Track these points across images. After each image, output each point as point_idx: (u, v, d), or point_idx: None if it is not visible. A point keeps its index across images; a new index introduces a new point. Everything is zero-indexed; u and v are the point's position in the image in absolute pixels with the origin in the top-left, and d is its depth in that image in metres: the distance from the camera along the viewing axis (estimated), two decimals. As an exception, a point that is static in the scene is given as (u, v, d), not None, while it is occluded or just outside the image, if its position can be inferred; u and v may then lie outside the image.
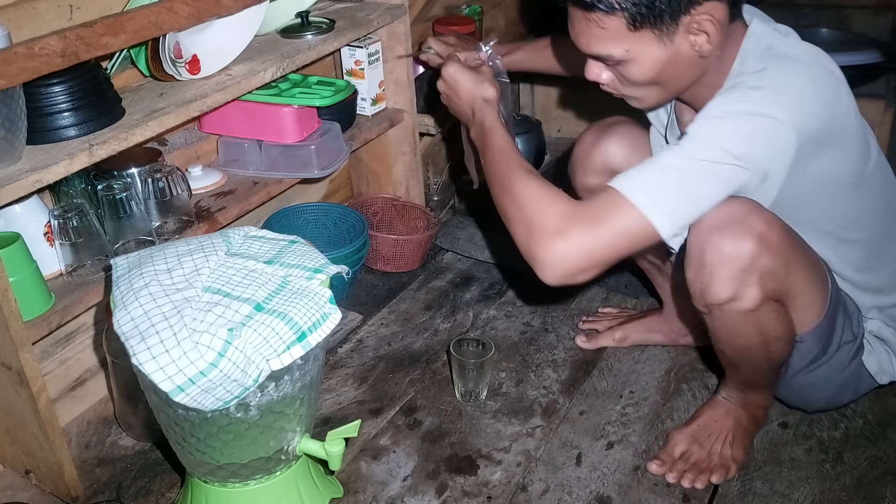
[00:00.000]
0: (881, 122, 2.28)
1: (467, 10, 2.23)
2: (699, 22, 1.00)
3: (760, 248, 1.05)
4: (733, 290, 1.08)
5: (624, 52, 1.03)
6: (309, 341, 1.03)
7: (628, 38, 1.02)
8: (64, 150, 1.15)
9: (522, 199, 1.05)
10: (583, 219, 1.00)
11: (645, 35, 1.01)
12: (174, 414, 1.05)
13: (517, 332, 1.69)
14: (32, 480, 1.34)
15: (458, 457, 1.37)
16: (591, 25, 1.03)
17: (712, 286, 1.08)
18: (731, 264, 1.06)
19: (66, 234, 1.25)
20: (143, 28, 1.17)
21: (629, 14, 0.99)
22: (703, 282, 1.09)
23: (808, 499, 1.26)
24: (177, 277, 1.07)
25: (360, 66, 1.78)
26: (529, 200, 1.04)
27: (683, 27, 1.01)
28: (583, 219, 1.00)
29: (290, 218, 1.83)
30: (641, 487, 1.29)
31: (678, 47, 1.03)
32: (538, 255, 1.01)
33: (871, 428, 1.39)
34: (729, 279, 1.07)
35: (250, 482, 1.15)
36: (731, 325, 1.14)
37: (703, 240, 1.07)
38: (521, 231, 1.05)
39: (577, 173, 1.44)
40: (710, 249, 1.06)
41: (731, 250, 1.05)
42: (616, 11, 1.00)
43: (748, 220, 1.05)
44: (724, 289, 1.08)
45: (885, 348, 1.29)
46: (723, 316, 1.13)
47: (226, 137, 1.62)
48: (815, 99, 1.04)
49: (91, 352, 1.49)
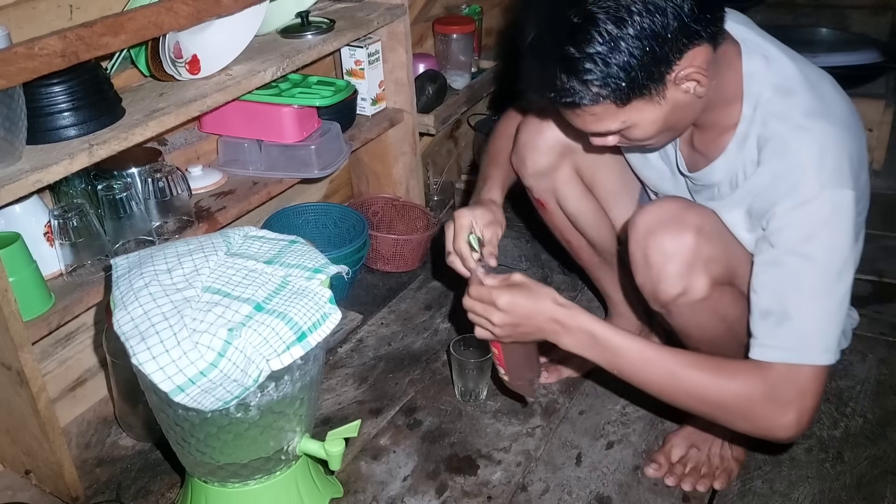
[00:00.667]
0: (881, 122, 2.28)
1: (467, 9, 2.23)
2: (685, 74, 0.99)
3: (699, 239, 1.09)
4: (682, 284, 1.10)
5: (621, 124, 1.03)
6: (309, 341, 1.03)
7: (621, 112, 1.01)
8: (64, 150, 1.15)
9: (718, 401, 1.06)
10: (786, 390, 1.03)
11: (636, 104, 1.01)
12: (174, 414, 1.05)
13: (517, 332, 1.68)
14: (32, 480, 1.34)
15: (458, 457, 1.37)
16: (582, 115, 1.03)
17: (661, 284, 1.12)
18: (676, 260, 1.10)
19: (66, 234, 1.25)
20: (143, 28, 1.17)
21: (613, 97, 0.99)
22: (653, 282, 1.12)
23: (808, 498, 1.26)
24: (177, 277, 1.07)
25: (360, 66, 1.78)
26: (728, 400, 1.05)
27: (671, 83, 1.00)
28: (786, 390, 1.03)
29: (290, 218, 1.83)
30: (641, 487, 1.29)
31: (673, 99, 1.01)
32: (775, 435, 1.05)
33: (871, 427, 1.39)
34: (676, 275, 1.10)
35: (250, 482, 1.15)
36: (692, 318, 1.16)
37: (644, 244, 1.11)
38: (741, 425, 1.07)
39: (527, 158, 1.36)
40: (653, 250, 1.10)
41: (673, 247, 1.09)
42: (600, 101, 0.99)
43: (682, 216, 1.10)
44: (674, 285, 1.11)
45: None
46: (681, 312, 1.15)
47: (226, 137, 1.62)
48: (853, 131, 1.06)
49: (91, 352, 1.49)
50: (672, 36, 0.94)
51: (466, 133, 2.36)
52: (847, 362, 1.54)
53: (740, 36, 1.07)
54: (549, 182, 1.38)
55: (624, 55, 0.94)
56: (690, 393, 1.07)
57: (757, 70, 1.06)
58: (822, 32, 2.58)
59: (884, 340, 1.60)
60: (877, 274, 1.82)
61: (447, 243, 1.25)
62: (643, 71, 0.95)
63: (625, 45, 0.94)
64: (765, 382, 1.03)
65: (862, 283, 1.77)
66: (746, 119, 1.07)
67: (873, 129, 2.29)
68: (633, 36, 0.93)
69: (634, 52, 0.94)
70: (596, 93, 0.97)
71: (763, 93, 1.05)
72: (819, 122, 1.02)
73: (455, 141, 2.37)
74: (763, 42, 1.08)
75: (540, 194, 1.40)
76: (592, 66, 0.95)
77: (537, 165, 1.36)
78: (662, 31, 0.94)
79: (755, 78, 1.06)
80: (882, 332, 1.63)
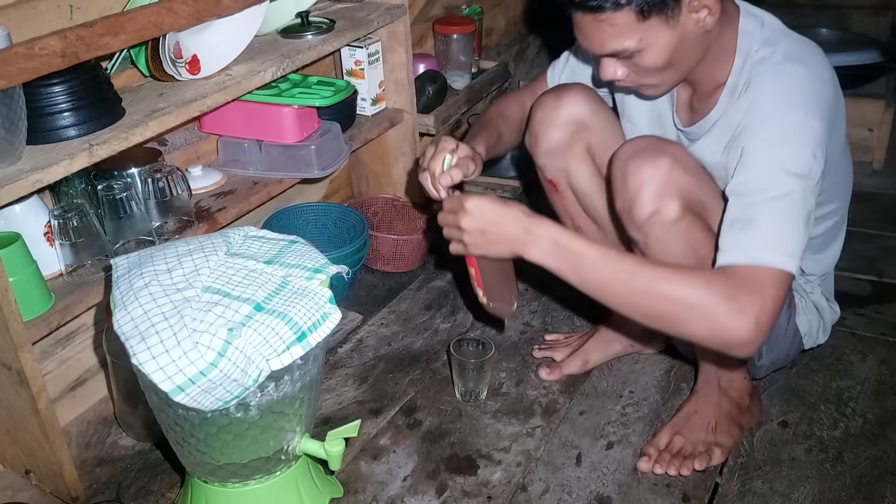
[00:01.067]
0: (881, 122, 2.28)
1: (467, 10, 2.23)
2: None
3: (675, 164, 1.16)
4: (656, 204, 1.16)
5: (637, 42, 1.08)
6: (309, 341, 1.03)
7: (639, 28, 1.07)
8: (64, 150, 1.15)
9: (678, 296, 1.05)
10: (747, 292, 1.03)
11: (654, 22, 1.07)
12: (174, 414, 1.05)
13: (517, 332, 1.69)
14: (32, 480, 1.34)
15: (458, 457, 1.37)
16: (602, 26, 1.08)
17: (636, 203, 1.18)
18: (651, 181, 1.16)
19: (66, 234, 1.25)
20: (143, 28, 1.17)
21: (636, 6, 1.05)
22: (629, 202, 1.19)
23: (808, 498, 1.26)
24: (177, 277, 1.07)
25: (360, 66, 1.78)
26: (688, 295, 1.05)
27: (686, 7, 1.07)
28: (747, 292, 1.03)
29: (290, 218, 1.83)
30: (641, 487, 1.29)
31: (684, 27, 1.08)
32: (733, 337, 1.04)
33: (871, 428, 1.39)
34: (651, 193, 1.16)
35: (250, 482, 1.15)
36: (666, 244, 1.20)
37: (623, 167, 1.19)
38: (699, 328, 1.06)
39: (541, 134, 1.38)
40: (631, 172, 1.17)
41: (650, 169, 1.16)
42: (623, 7, 1.05)
43: (660, 145, 1.19)
44: (648, 203, 1.17)
45: (817, 313, 1.37)
46: (656, 235, 1.19)
47: (226, 137, 1.62)
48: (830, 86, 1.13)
49: (91, 352, 1.49)
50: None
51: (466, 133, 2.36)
52: (847, 362, 1.54)
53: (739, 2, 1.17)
54: (562, 161, 1.38)
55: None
56: (650, 289, 1.06)
57: (751, 28, 1.16)
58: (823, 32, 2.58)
59: (884, 340, 1.60)
60: (877, 274, 1.82)
61: (423, 160, 1.29)
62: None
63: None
64: (725, 283, 1.04)
65: (862, 283, 1.77)
66: (737, 70, 1.16)
67: (873, 129, 2.29)
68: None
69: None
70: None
71: (753, 46, 1.15)
72: (795, 64, 1.11)
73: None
74: (759, 10, 1.18)
75: (552, 174, 1.41)
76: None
77: (551, 142, 1.37)
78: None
79: (748, 35, 1.15)
80: (882, 332, 1.63)
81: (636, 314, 1.10)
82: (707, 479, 1.30)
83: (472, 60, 2.14)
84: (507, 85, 2.43)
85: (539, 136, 1.38)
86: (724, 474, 1.32)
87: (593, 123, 1.36)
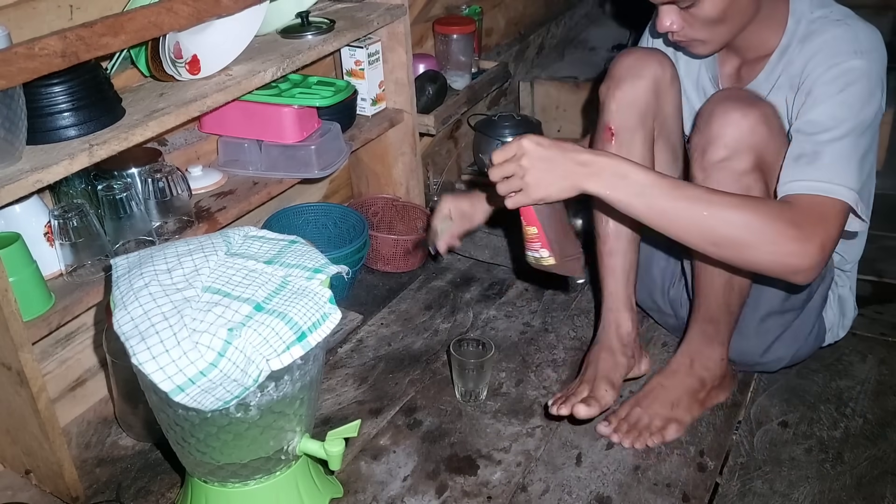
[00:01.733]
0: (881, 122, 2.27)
1: (467, 10, 2.23)
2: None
3: (762, 121, 1.17)
4: (731, 150, 1.18)
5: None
6: (309, 341, 1.03)
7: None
8: (64, 150, 1.15)
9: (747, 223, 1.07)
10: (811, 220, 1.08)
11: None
12: (174, 414, 1.05)
13: (517, 332, 1.69)
14: (32, 480, 1.34)
15: (458, 457, 1.37)
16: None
17: (713, 144, 1.19)
18: (736, 127, 1.18)
19: (66, 234, 1.25)
20: (143, 28, 1.17)
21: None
22: (707, 140, 1.20)
23: (808, 499, 1.26)
24: (177, 277, 1.07)
25: (360, 66, 1.78)
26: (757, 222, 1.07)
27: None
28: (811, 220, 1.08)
29: (290, 218, 1.84)
30: (641, 487, 1.29)
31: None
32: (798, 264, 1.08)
33: (871, 428, 1.39)
34: (731, 139, 1.18)
35: (250, 482, 1.15)
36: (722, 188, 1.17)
37: (714, 106, 1.20)
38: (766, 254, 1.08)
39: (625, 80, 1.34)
40: (719, 113, 1.19)
41: (738, 115, 1.17)
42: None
43: (758, 102, 1.19)
44: (724, 147, 1.19)
45: (840, 309, 1.41)
46: (717, 177, 1.20)
47: (226, 137, 1.62)
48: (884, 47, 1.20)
49: (91, 352, 1.49)
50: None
51: (466, 133, 2.36)
52: (847, 362, 1.54)
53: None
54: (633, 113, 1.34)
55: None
56: (719, 216, 1.07)
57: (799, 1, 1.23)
58: (822, 32, 2.58)
59: (884, 340, 1.60)
60: (877, 274, 1.82)
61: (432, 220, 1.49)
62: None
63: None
64: (792, 211, 1.09)
65: (862, 283, 1.77)
66: (790, 32, 1.22)
67: (873, 129, 2.28)
68: None
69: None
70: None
71: (805, 11, 1.22)
72: (856, 20, 1.19)
73: (455, 141, 2.37)
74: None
75: (617, 123, 1.34)
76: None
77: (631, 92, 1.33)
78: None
79: (800, 2, 1.22)
80: (882, 332, 1.63)
81: (703, 242, 1.10)
82: (707, 479, 1.30)
83: (472, 60, 2.14)
84: (507, 85, 2.43)
85: (622, 82, 1.33)
86: (724, 474, 1.32)
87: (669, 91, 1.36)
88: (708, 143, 1.20)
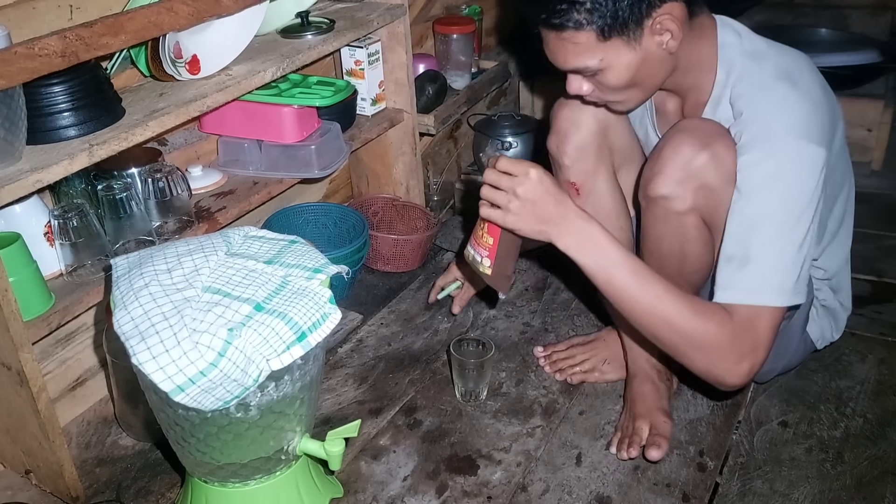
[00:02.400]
0: (881, 122, 2.28)
1: (467, 10, 2.23)
2: (661, 22, 1.08)
3: (711, 163, 1.13)
4: (671, 188, 1.17)
5: (599, 61, 1.11)
6: (309, 341, 1.03)
7: (600, 48, 1.09)
8: (64, 150, 1.15)
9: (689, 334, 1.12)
10: (746, 341, 1.11)
11: (615, 43, 1.09)
12: (174, 414, 1.05)
13: (517, 332, 1.69)
14: (32, 480, 1.34)
15: (458, 457, 1.37)
16: (564, 44, 1.10)
17: (657, 178, 1.18)
18: (680, 165, 1.15)
19: (66, 234, 1.25)
20: (143, 28, 1.17)
21: (597, 27, 1.07)
22: (652, 172, 1.19)
23: (808, 498, 1.26)
24: (177, 277, 1.07)
25: (360, 66, 1.78)
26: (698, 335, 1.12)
27: (648, 30, 1.08)
28: (746, 341, 1.11)
29: (290, 218, 1.83)
30: (641, 487, 1.29)
31: (647, 48, 1.10)
32: (726, 381, 1.14)
33: (871, 428, 1.39)
34: (672, 178, 1.16)
35: (250, 482, 1.15)
36: (661, 226, 1.23)
37: (670, 137, 1.17)
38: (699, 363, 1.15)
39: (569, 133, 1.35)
40: (671, 146, 1.16)
41: (689, 152, 1.14)
42: (584, 27, 1.07)
43: (715, 139, 1.14)
44: (665, 185, 1.17)
45: (829, 317, 1.38)
46: (655, 213, 1.22)
47: (226, 137, 1.62)
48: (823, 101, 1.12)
49: (91, 352, 1.49)
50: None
51: (466, 133, 2.36)
52: (847, 362, 1.54)
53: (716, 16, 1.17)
54: (590, 162, 1.36)
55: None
56: (667, 319, 1.12)
57: (731, 42, 1.15)
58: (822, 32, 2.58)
59: (883, 340, 1.60)
60: (877, 274, 1.82)
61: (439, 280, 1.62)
62: (628, 6, 1.05)
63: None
64: (728, 326, 1.11)
65: (862, 283, 1.77)
66: (720, 83, 1.16)
67: (873, 129, 2.29)
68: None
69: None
70: (583, 18, 1.06)
71: (736, 60, 1.15)
72: (786, 83, 1.11)
73: (455, 141, 2.37)
74: (736, 22, 1.18)
75: (578, 176, 1.37)
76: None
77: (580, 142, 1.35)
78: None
79: (729, 48, 1.15)
80: (882, 332, 1.63)
81: (645, 332, 1.16)
82: (707, 479, 1.31)
83: (472, 60, 2.14)
84: (507, 85, 2.43)
85: (567, 135, 1.35)
86: (724, 474, 1.32)
87: (616, 125, 1.36)
88: (652, 176, 1.19)
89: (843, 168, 1.26)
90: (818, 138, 1.08)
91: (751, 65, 1.13)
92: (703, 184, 1.15)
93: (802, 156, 1.07)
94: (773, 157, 1.08)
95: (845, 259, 1.38)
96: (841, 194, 1.29)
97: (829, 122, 1.12)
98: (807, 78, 1.13)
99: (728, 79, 1.15)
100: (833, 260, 1.35)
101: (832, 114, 1.14)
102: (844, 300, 1.42)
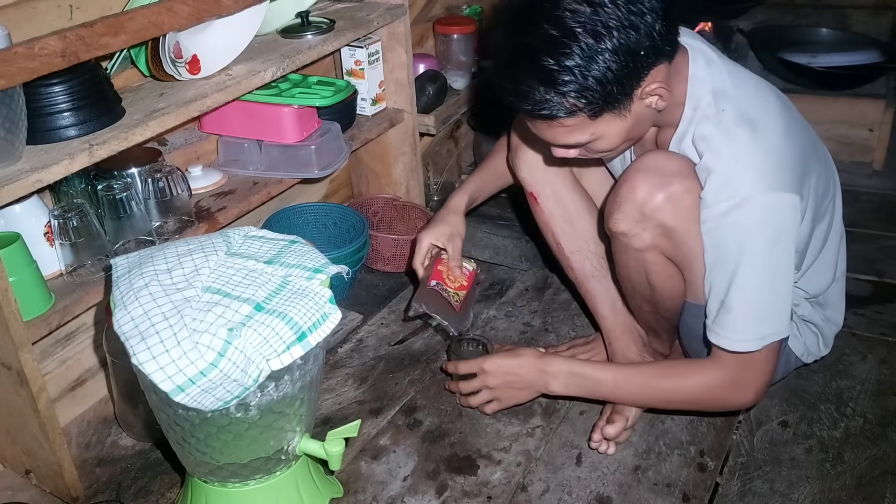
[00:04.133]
0: (881, 122, 2.28)
1: (467, 10, 2.23)
2: (650, 89, 1.06)
3: (667, 205, 1.14)
4: (628, 226, 1.18)
5: (590, 136, 1.10)
6: (309, 341, 1.03)
7: (591, 125, 1.08)
8: (64, 150, 1.15)
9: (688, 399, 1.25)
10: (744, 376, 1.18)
11: (606, 118, 1.07)
12: (174, 414, 1.05)
13: (517, 332, 1.69)
14: (32, 480, 1.34)
15: (458, 457, 1.37)
16: (554, 127, 1.09)
17: (615, 214, 1.19)
18: (636, 205, 1.16)
19: (66, 234, 1.25)
20: (143, 28, 1.17)
21: (588, 109, 1.04)
22: (611, 207, 1.20)
23: (808, 498, 1.26)
24: (177, 277, 1.07)
25: (360, 66, 1.78)
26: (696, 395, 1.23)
27: (636, 98, 1.07)
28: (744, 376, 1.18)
29: (290, 218, 1.83)
30: (641, 487, 1.29)
31: (636, 112, 1.09)
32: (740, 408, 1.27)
33: (871, 428, 1.39)
34: (629, 216, 1.18)
35: (250, 482, 1.15)
36: (625, 257, 1.27)
37: (630, 174, 1.18)
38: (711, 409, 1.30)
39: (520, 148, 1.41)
40: (628, 185, 1.17)
41: (643, 194, 1.15)
42: (575, 113, 1.05)
43: (672, 180, 1.14)
44: (622, 222, 1.19)
45: (813, 331, 1.38)
46: (618, 248, 1.26)
47: (226, 137, 1.62)
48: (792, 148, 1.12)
49: (91, 352, 1.49)
50: (644, 53, 1.02)
51: (466, 133, 2.36)
52: (847, 362, 1.54)
53: (686, 41, 1.14)
54: (541, 173, 1.41)
55: (601, 69, 1.00)
56: (662, 398, 1.27)
57: (700, 75, 1.13)
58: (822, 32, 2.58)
59: (884, 340, 1.60)
60: (877, 274, 1.82)
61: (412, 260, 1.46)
62: (617, 85, 1.02)
63: (602, 59, 1.00)
64: (723, 372, 1.18)
65: (862, 283, 1.77)
66: (686, 118, 1.15)
67: (873, 129, 2.28)
68: (610, 50, 1.00)
69: (611, 66, 1.00)
70: (572, 105, 1.03)
71: (703, 97, 1.12)
72: (746, 129, 1.09)
73: (455, 141, 2.37)
74: (705, 47, 1.15)
75: (533, 187, 1.43)
76: (571, 79, 1.01)
77: (530, 155, 1.41)
78: (636, 48, 1.01)
79: (698, 81, 1.13)
80: (882, 332, 1.63)
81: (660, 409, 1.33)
82: (707, 479, 1.31)
83: (473, 61, 2.14)
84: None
85: (518, 150, 1.42)
86: (724, 474, 1.32)
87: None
88: (611, 212, 1.20)
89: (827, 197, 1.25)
90: (781, 184, 1.08)
91: (714, 106, 1.11)
92: (660, 223, 1.16)
93: (772, 207, 1.08)
94: (739, 210, 1.08)
95: (833, 278, 1.35)
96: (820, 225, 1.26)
97: (798, 162, 1.12)
98: (771, 118, 1.12)
99: (694, 114, 1.13)
100: (815, 282, 1.33)
101: (801, 153, 1.14)
102: (833, 316, 1.39)
